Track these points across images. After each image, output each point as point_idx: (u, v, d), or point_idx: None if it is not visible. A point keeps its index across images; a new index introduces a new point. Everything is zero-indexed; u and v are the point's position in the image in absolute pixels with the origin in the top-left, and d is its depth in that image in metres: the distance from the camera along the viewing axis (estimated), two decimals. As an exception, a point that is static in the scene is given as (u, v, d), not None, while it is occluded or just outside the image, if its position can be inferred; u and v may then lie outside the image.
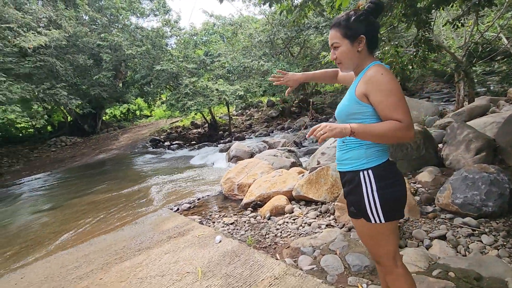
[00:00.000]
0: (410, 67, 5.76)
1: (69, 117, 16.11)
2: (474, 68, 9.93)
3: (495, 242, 2.11)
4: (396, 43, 6.03)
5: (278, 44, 14.07)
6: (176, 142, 12.33)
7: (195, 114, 12.36)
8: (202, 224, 3.31)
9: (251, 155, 6.85)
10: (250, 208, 3.68)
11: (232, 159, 6.99)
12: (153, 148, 11.87)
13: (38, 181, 8.46)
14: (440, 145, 4.48)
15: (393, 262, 1.20)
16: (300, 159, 6.60)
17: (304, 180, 3.51)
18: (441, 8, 4.58)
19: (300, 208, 3.31)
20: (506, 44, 9.22)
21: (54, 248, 3.43)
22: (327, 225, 2.73)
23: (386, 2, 4.39)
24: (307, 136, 1.14)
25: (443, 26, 7.44)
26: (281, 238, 2.72)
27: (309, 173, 3.63)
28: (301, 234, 2.70)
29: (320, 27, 11.57)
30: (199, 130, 14.19)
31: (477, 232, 2.28)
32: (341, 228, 2.61)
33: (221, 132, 12.98)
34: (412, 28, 4.87)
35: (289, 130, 11.90)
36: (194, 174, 6.60)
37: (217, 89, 10.51)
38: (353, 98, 1.17)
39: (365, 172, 1.16)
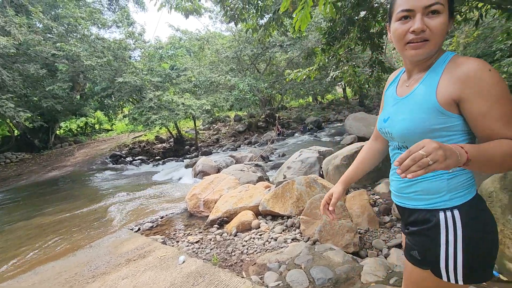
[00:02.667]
0: (367, 85, 6.22)
1: (16, 131, 14.65)
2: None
3: (444, 248, 2.29)
4: (354, 63, 6.51)
5: (244, 60, 14.39)
6: (139, 157, 11.77)
7: (160, 128, 11.97)
8: (165, 244, 3.15)
9: (218, 170, 6.76)
10: (216, 225, 3.59)
11: (198, 175, 6.83)
12: (113, 164, 11.18)
13: (-26, 203, 7.46)
14: (395, 158, 4.83)
15: None
16: (267, 173, 6.66)
17: (270, 194, 3.53)
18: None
19: (266, 223, 3.30)
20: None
21: (-10, 281, 3.00)
22: (292, 239, 2.75)
23: (344, 27, 4.76)
24: (394, 163, 0.67)
25: (392, 50, 8.20)
26: (247, 254, 2.67)
27: (275, 187, 3.66)
28: (267, 249, 2.68)
29: (284, 46, 12.09)
30: (164, 144, 13.72)
31: (428, 239, 2.45)
32: (306, 241, 2.65)
33: (187, 146, 12.69)
34: (367, 50, 5.31)
35: (256, 145, 12.02)
36: (158, 190, 6.31)
37: (183, 103, 10.34)
38: (434, 106, 0.80)
39: (448, 213, 0.83)
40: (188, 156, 11.43)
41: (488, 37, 9.38)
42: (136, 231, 3.81)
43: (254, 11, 4.31)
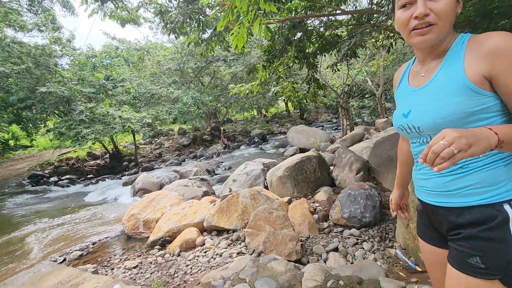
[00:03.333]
0: (305, 100, 6.70)
1: None
2: (351, 103, 12.34)
3: (372, 247, 2.54)
4: (293, 80, 6.97)
5: (188, 73, 14.19)
6: (67, 176, 10.43)
7: (93, 143, 10.87)
8: (97, 273, 2.81)
9: (160, 187, 6.40)
10: (157, 246, 3.36)
11: (138, 193, 6.35)
12: (33, 185, 9.68)
13: None
14: (331, 168, 5.23)
15: None
16: (213, 187, 6.55)
17: (215, 209, 3.47)
18: (324, 54, 5.62)
19: (211, 239, 3.22)
20: (371, 86, 11.90)
21: None
22: (238, 253, 2.73)
23: (282, 46, 5.09)
24: (419, 160, 0.65)
25: (325, 69, 9.03)
26: (191, 274, 2.55)
27: (220, 201, 3.62)
28: (212, 267, 2.61)
29: (228, 60, 12.31)
30: (98, 161, 12.45)
31: (360, 240, 2.70)
32: (251, 254, 2.66)
33: (126, 162, 11.75)
34: (304, 68, 5.75)
35: (201, 158, 11.77)
36: (90, 213, 5.66)
37: (120, 116, 9.62)
38: (466, 86, 0.72)
39: None
40: (126, 173, 10.58)
41: (401, 61, 11.07)
42: (61, 262, 3.33)
43: (196, 25, 4.32)
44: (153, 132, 13.09)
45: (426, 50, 0.82)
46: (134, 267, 2.86)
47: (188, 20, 3.92)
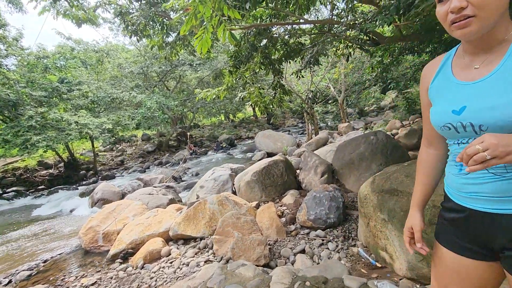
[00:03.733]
0: (271, 106, 6.83)
1: None
2: (316, 108, 12.84)
3: (337, 247, 2.65)
4: (259, 85, 7.08)
5: (152, 77, 13.72)
6: (14, 189, 9.42)
7: (45, 151, 9.98)
8: (49, 294, 2.57)
9: (122, 196, 6.05)
10: (119, 260, 3.16)
11: (97, 203, 5.93)
12: (-29, 200, 8.58)
13: None
14: (298, 171, 5.37)
15: None
16: (179, 194, 6.36)
17: (181, 217, 3.37)
18: (289, 61, 5.79)
19: (178, 248, 3.11)
20: (333, 92, 12.49)
21: None
22: (205, 261, 2.67)
23: (248, 52, 5.15)
24: (456, 159, 0.66)
25: (290, 75, 9.30)
26: (155, 287, 2.44)
27: (187, 208, 3.53)
28: (178, 277, 2.52)
29: (194, 65, 12.13)
30: (51, 171, 11.43)
31: (325, 241, 2.79)
32: (219, 261, 2.61)
33: (84, 171, 10.95)
34: (270, 74, 5.87)
35: (167, 165, 11.38)
36: (41, 228, 5.16)
37: (77, 122, 8.96)
38: None
39: None
40: (84, 182, 9.86)
41: (360, 69, 11.82)
42: (6, 285, 2.98)
43: (160, 28, 4.21)
44: (114, 138, 12.38)
45: (475, 42, 0.75)
46: (92, 284, 2.66)
47: (151, 22, 3.80)
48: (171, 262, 2.82)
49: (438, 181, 0.98)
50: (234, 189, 5.12)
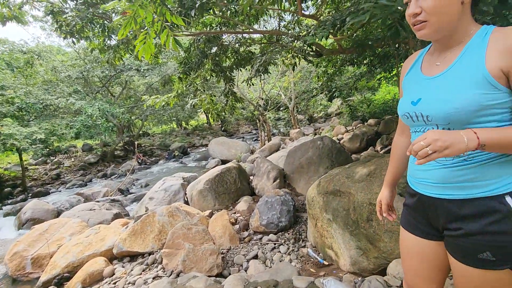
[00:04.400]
0: (224, 113, 6.83)
1: None
2: (268, 115, 13.20)
3: (288, 249, 2.73)
4: (211, 92, 7.03)
5: (94, 82, 12.68)
6: None
7: (-43, 167, 8.46)
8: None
9: (58, 214, 5.40)
10: (52, 286, 2.80)
11: (25, 224, 5.19)
12: None
13: None
14: (251, 177, 5.42)
15: None
16: (126, 208, 5.92)
17: (127, 232, 3.13)
18: (240, 69, 5.87)
19: (123, 267, 2.88)
20: (284, 99, 13.00)
21: None
22: (154, 278, 2.51)
23: (198, 59, 5.09)
24: (407, 152, 0.71)
25: (241, 83, 9.44)
26: (97, 313, 2.21)
27: (134, 222, 3.30)
28: (123, 298, 2.32)
29: (142, 70, 11.55)
30: (-35, 190, 9.69)
31: (277, 244, 2.85)
32: (169, 276, 2.49)
33: (9, 188, 9.51)
34: (222, 81, 5.87)
35: (113, 177, 10.53)
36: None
37: (-1, 132, 7.79)
38: (485, 79, 0.73)
39: None
40: (9, 201, 8.56)
41: (308, 78, 12.54)
42: None
43: (100, 31, 3.92)
44: (48, 149, 11.03)
45: (437, 42, 0.84)
46: (17, 319, 2.30)
47: (89, 24, 3.52)
48: (115, 283, 2.59)
49: (406, 165, 1.07)
50: (186, 199, 4.95)
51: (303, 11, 3.22)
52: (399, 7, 1.44)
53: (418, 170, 0.90)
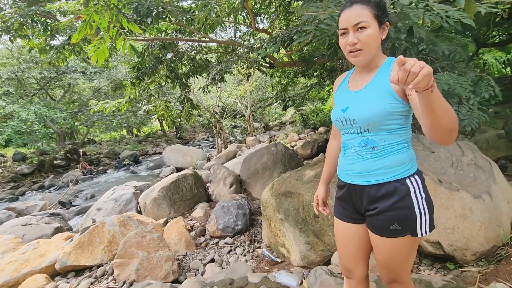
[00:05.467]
0: (179, 120, 6.73)
1: None
2: (225, 123, 13.27)
3: (244, 250, 2.83)
4: (166, 99, 6.88)
5: (30, 84, 11.41)
6: None
7: None
8: None
9: (-16, 232, 4.72)
10: (-21, 312, 2.48)
11: None
12: None
13: None
14: (208, 184, 5.43)
15: (410, 276, 1.13)
16: (69, 221, 5.43)
17: (72, 245, 2.92)
18: (196, 76, 5.88)
19: (68, 282, 2.68)
20: (240, 107, 13.23)
21: None
22: (105, 290, 2.40)
23: (153, 64, 4.99)
24: (394, 80, 0.76)
25: (198, 90, 9.42)
26: (38, 333, 2.04)
27: (80, 235, 3.08)
28: (69, 315, 2.17)
29: (88, 73, 10.77)
30: None
31: (233, 247, 2.94)
32: (121, 286, 2.40)
33: None
34: (177, 88, 5.80)
35: (52, 189, 9.51)
36: None
37: None
38: (389, 93, 0.98)
39: (413, 179, 1.02)
40: None
41: (263, 87, 12.97)
42: None
43: (42, 30, 3.64)
44: (-31, 159, 9.53)
45: (361, 66, 1.08)
46: None
47: (30, 21, 3.26)
48: (58, 300, 2.40)
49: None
50: (139, 208, 4.75)
51: (256, 25, 3.43)
52: (336, 30, 1.69)
53: (347, 164, 1.12)
